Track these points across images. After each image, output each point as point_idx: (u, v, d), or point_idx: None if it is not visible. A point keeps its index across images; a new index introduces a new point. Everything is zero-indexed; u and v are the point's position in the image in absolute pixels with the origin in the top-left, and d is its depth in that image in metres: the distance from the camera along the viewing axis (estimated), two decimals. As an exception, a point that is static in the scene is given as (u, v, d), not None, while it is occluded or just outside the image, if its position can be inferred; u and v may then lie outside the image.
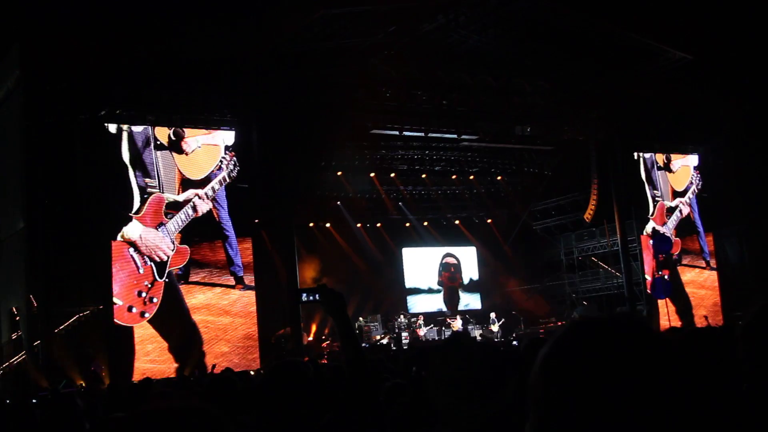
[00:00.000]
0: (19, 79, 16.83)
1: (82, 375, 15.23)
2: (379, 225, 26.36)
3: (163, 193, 13.46)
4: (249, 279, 16.73)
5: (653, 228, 23.67)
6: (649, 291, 22.83)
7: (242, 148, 18.21)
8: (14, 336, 17.00)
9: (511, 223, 27.99)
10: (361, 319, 23.18)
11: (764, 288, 21.57)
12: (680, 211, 24.54)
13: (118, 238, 12.73)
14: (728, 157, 24.70)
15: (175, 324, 15.04)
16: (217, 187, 15.38)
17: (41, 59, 16.12)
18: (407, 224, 26.71)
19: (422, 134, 21.38)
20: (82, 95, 16.22)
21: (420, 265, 27.30)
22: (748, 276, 23.61)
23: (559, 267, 27.05)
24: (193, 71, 17.06)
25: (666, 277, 23.21)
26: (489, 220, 28.10)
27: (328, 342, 21.40)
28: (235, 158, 16.07)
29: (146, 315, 13.59)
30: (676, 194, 24.64)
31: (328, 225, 25.00)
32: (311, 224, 24.42)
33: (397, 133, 20.95)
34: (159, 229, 13.01)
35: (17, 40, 16.60)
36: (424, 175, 25.34)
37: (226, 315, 15.67)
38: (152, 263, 13.12)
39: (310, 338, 22.05)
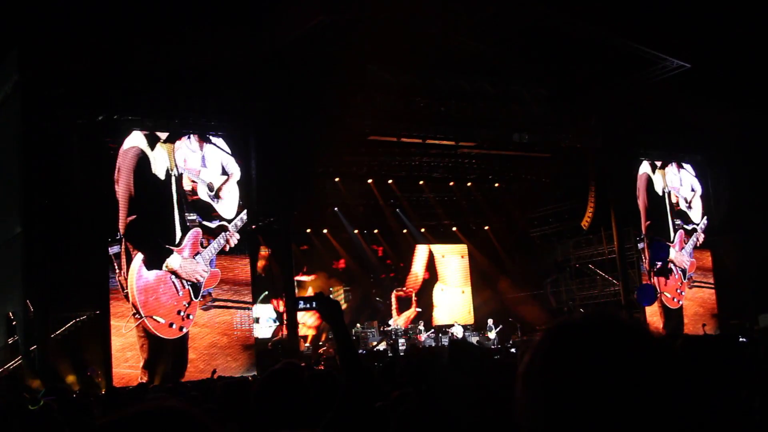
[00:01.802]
0: (17, 84, 16.84)
1: (78, 380, 15.20)
2: (376, 231, 26.38)
3: (200, 224, 15.24)
4: (216, 293, 17.10)
5: (649, 235, 23.82)
6: (635, 297, 22.85)
7: (239, 153, 18.28)
8: (11, 341, 16.98)
9: (508, 230, 28.01)
10: (358, 325, 23.17)
11: (760, 297, 21.62)
12: (696, 237, 24.89)
13: (163, 268, 14.39)
14: (725, 165, 24.76)
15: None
16: (240, 224, 16.68)
17: (39, 64, 16.14)
18: (405, 231, 26.73)
19: (420, 141, 21.39)
20: (79, 100, 16.22)
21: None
22: (744, 285, 23.64)
23: (557, 274, 27.07)
24: (191, 77, 17.09)
25: (655, 284, 23.27)
26: (486, 227, 28.12)
27: (324, 348, 21.39)
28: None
29: (184, 329, 15.11)
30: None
31: (325, 231, 25.01)
32: (309, 230, 24.43)
33: (394, 139, 20.96)
34: (195, 258, 14.76)
35: (15, 44, 16.61)
36: (421, 182, 25.36)
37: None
38: (189, 286, 14.72)
39: (308, 344, 22.05)
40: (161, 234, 14.88)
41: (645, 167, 24.35)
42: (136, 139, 14.91)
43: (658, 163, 24.72)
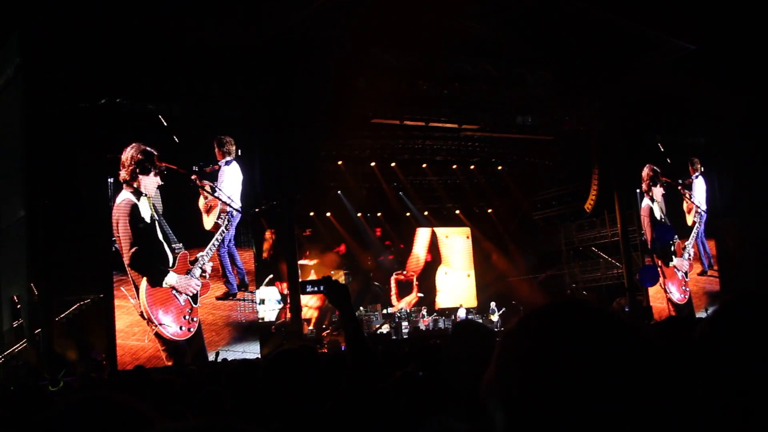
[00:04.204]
0: (19, 67, 16.80)
1: (82, 363, 15.30)
2: (379, 215, 26.37)
3: (185, 249, 17.62)
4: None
5: (654, 218, 23.82)
6: (637, 278, 22.80)
7: (242, 137, 18.28)
8: (15, 324, 17.06)
9: (511, 212, 28.00)
10: (361, 308, 23.24)
11: (763, 279, 21.61)
12: (692, 244, 24.84)
13: (163, 284, 16.82)
14: (729, 147, 24.66)
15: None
16: (216, 244, 18.04)
17: (41, 47, 16.09)
18: (408, 214, 26.73)
19: (423, 124, 21.33)
20: (82, 83, 16.18)
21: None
22: (747, 268, 23.62)
23: (560, 257, 27.09)
24: (194, 60, 17.04)
25: (657, 266, 23.23)
26: (489, 210, 28.11)
27: (328, 331, 21.46)
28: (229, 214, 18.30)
29: (192, 330, 17.21)
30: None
31: (328, 214, 25.01)
32: (312, 213, 24.44)
33: (397, 122, 20.91)
34: (188, 274, 17.30)
35: (17, 27, 16.55)
36: (424, 165, 25.31)
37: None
38: (188, 296, 17.18)
39: (311, 327, 22.12)
40: (158, 260, 17.00)
41: (646, 201, 24.13)
42: (125, 195, 16.72)
43: (657, 193, 24.47)
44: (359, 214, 25.59)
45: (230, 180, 18.16)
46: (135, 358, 16.03)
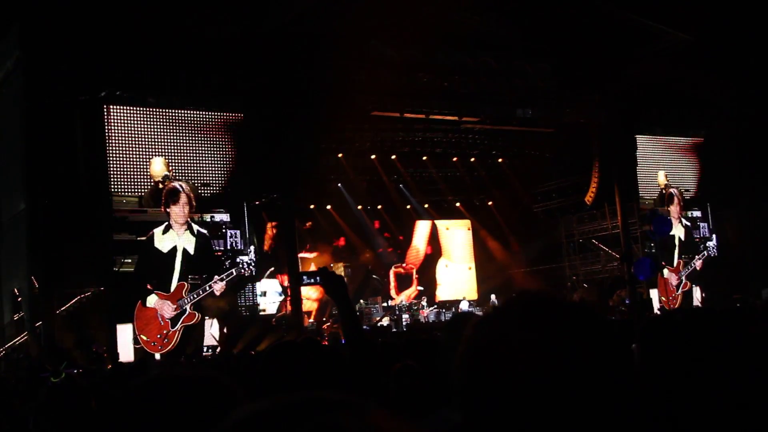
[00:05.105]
0: (19, 60, 16.77)
1: (84, 356, 15.33)
2: (380, 207, 26.37)
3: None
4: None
5: (652, 209, 23.75)
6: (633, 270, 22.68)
7: (243, 130, 18.28)
8: (16, 317, 17.08)
9: (512, 205, 28.00)
10: (361, 301, 23.27)
11: (762, 270, 21.62)
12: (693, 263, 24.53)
13: (147, 305, 16.62)
14: (730, 138, 24.62)
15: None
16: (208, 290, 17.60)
17: (41, 39, 16.06)
18: (408, 206, 26.73)
19: (423, 116, 21.32)
20: (82, 76, 16.16)
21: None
22: (746, 258, 23.62)
23: (560, 249, 27.09)
24: (194, 53, 17.01)
25: (654, 257, 23.13)
26: (490, 203, 28.11)
27: (328, 324, 21.48)
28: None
29: (162, 348, 16.58)
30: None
31: (329, 207, 25.02)
32: (312, 206, 24.44)
33: (397, 115, 20.88)
34: (178, 303, 16.88)
35: (17, 20, 16.52)
36: (425, 158, 25.30)
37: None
38: (168, 319, 16.72)
39: (312, 320, 22.15)
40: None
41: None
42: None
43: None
44: (359, 207, 25.60)
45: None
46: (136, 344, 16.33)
